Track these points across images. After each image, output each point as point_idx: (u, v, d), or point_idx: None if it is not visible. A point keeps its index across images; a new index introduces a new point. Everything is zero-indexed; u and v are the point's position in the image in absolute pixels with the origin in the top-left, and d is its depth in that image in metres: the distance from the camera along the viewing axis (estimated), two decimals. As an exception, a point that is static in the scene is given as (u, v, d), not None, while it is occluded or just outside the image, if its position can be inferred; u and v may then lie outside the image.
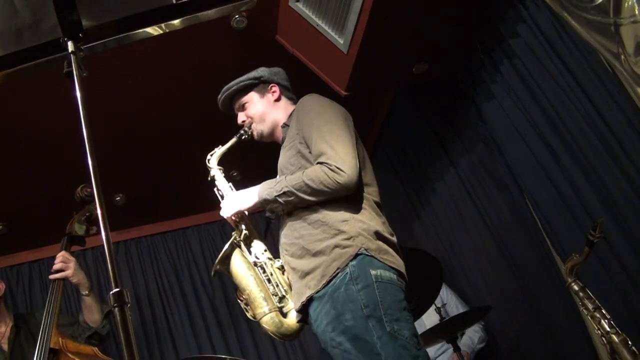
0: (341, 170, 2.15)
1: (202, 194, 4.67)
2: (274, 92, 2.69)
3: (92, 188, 3.10)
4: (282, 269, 2.37)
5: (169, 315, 4.51)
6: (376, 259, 2.11)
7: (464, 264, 4.33)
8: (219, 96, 2.75)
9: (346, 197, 2.22)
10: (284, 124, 2.62)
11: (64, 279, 3.00)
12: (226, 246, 2.38)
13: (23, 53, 1.65)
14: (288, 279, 2.33)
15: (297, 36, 3.53)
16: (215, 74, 3.59)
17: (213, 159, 2.68)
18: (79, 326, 3.10)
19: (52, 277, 3.00)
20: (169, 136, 3.93)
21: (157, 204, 4.60)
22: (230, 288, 4.64)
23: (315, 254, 2.17)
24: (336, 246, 2.12)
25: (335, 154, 2.20)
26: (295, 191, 2.21)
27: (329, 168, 2.17)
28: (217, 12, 2.89)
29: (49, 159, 3.71)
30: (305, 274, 2.18)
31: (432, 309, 3.53)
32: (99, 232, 3.02)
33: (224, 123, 2.76)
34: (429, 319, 3.96)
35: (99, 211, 1.20)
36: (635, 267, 2.84)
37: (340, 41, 3.32)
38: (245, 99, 2.69)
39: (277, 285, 2.33)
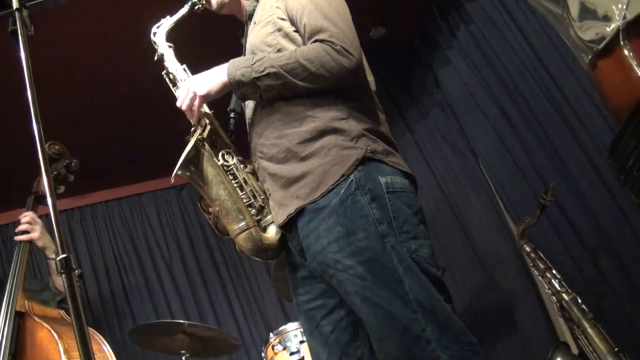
0: (348, 52, 1.68)
1: (157, 159, 4.63)
2: None
3: (59, 145, 3.00)
4: (253, 173, 1.91)
5: (126, 281, 4.46)
6: (384, 162, 1.69)
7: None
8: None
9: (343, 87, 1.75)
10: None
11: (30, 241, 2.90)
12: (190, 145, 1.81)
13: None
14: (262, 186, 1.88)
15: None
16: (181, 34, 3.51)
17: (160, 33, 2.01)
18: (50, 291, 3.04)
19: (17, 238, 2.89)
20: (126, 100, 3.82)
21: (112, 169, 4.51)
22: (187, 252, 4.61)
23: (305, 157, 1.71)
24: (335, 146, 1.67)
25: (340, 31, 1.71)
26: (286, 73, 1.69)
27: (333, 48, 1.67)
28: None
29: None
30: (291, 182, 1.73)
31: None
32: (67, 191, 2.93)
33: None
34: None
35: (44, 179, 1.16)
36: (585, 230, 2.93)
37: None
38: None
39: (253, 194, 1.87)
